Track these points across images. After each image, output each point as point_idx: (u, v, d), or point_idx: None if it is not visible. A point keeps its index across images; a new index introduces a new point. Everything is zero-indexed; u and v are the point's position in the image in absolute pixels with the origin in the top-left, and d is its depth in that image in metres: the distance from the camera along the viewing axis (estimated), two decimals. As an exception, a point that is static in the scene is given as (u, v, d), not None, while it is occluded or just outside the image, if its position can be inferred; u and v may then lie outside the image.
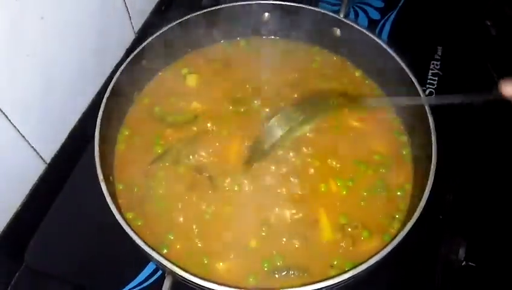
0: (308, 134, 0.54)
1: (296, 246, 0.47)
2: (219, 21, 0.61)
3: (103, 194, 0.45)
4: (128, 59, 0.55)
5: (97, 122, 0.50)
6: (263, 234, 0.48)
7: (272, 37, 0.64)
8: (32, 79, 0.50)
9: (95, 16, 0.57)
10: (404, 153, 0.53)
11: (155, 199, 0.50)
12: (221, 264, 0.46)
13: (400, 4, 0.75)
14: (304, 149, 0.53)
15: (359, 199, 0.50)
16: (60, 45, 0.52)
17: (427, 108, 0.50)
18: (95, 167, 0.47)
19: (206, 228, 0.48)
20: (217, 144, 0.53)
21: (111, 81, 0.53)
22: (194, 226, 0.48)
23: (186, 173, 0.52)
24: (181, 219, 0.49)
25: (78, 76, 0.57)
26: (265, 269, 0.46)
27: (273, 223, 0.48)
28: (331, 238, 0.48)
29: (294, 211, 0.49)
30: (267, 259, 0.46)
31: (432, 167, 0.46)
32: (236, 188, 0.50)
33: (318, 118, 0.52)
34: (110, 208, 0.44)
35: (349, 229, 0.48)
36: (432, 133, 0.48)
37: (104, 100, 0.52)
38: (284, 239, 0.47)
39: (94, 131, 0.49)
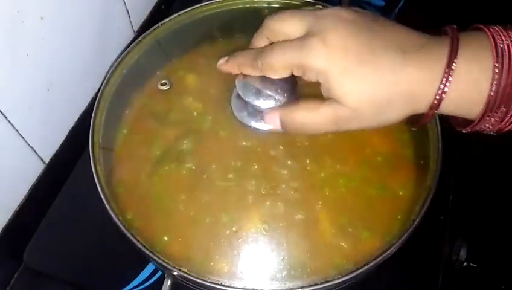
0: (305, 139, 0.53)
1: (297, 246, 0.47)
2: (219, 20, 0.61)
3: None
4: (126, 59, 0.55)
5: (92, 122, 0.49)
6: (263, 234, 0.48)
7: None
8: (32, 79, 0.50)
9: (94, 16, 0.57)
10: (406, 152, 0.53)
11: (154, 199, 0.50)
12: (221, 264, 0.46)
13: (400, 4, 0.75)
14: (304, 149, 0.53)
15: (360, 199, 0.50)
16: (59, 45, 0.52)
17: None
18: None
19: (206, 228, 0.48)
20: (217, 145, 0.53)
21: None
22: (194, 227, 0.48)
23: (185, 174, 0.51)
24: (181, 220, 0.48)
25: (77, 76, 0.57)
26: (266, 270, 0.46)
27: (273, 223, 0.48)
28: (331, 238, 0.47)
29: (294, 211, 0.49)
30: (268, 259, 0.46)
31: (438, 167, 0.46)
32: (236, 189, 0.50)
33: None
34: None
35: (350, 229, 0.47)
36: (438, 132, 0.48)
37: (102, 100, 0.51)
38: (284, 239, 0.47)
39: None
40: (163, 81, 0.56)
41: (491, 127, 0.35)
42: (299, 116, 0.39)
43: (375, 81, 0.34)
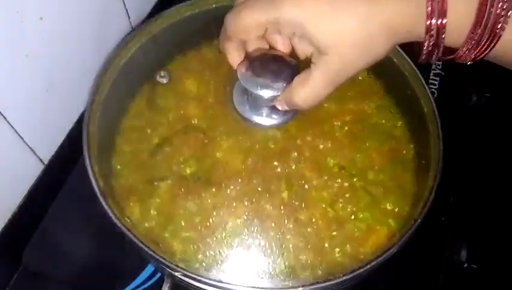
0: (307, 137, 0.53)
1: (298, 245, 0.47)
2: (218, 20, 0.61)
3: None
4: (122, 61, 0.54)
5: (86, 121, 0.49)
6: (264, 232, 0.47)
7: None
8: (31, 79, 0.49)
9: (94, 16, 0.57)
10: (407, 153, 0.53)
11: (154, 199, 0.50)
12: (221, 263, 0.46)
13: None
14: (305, 146, 0.53)
15: (361, 199, 0.50)
16: (59, 46, 0.52)
17: (434, 107, 0.49)
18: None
19: (206, 228, 0.48)
20: (218, 141, 0.53)
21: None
22: (194, 227, 0.48)
23: (185, 173, 0.51)
24: (181, 220, 0.48)
25: (77, 76, 0.56)
26: (267, 268, 0.45)
27: (274, 221, 0.48)
28: (333, 237, 0.47)
29: (295, 210, 0.49)
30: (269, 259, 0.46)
31: (439, 167, 0.46)
32: (237, 187, 0.50)
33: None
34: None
35: (352, 229, 0.47)
36: (439, 133, 0.48)
37: (96, 104, 0.51)
38: (286, 238, 0.47)
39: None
40: (162, 74, 0.56)
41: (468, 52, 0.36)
42: (297, 93, 0.39)
43: (350, 18, 0.34)
